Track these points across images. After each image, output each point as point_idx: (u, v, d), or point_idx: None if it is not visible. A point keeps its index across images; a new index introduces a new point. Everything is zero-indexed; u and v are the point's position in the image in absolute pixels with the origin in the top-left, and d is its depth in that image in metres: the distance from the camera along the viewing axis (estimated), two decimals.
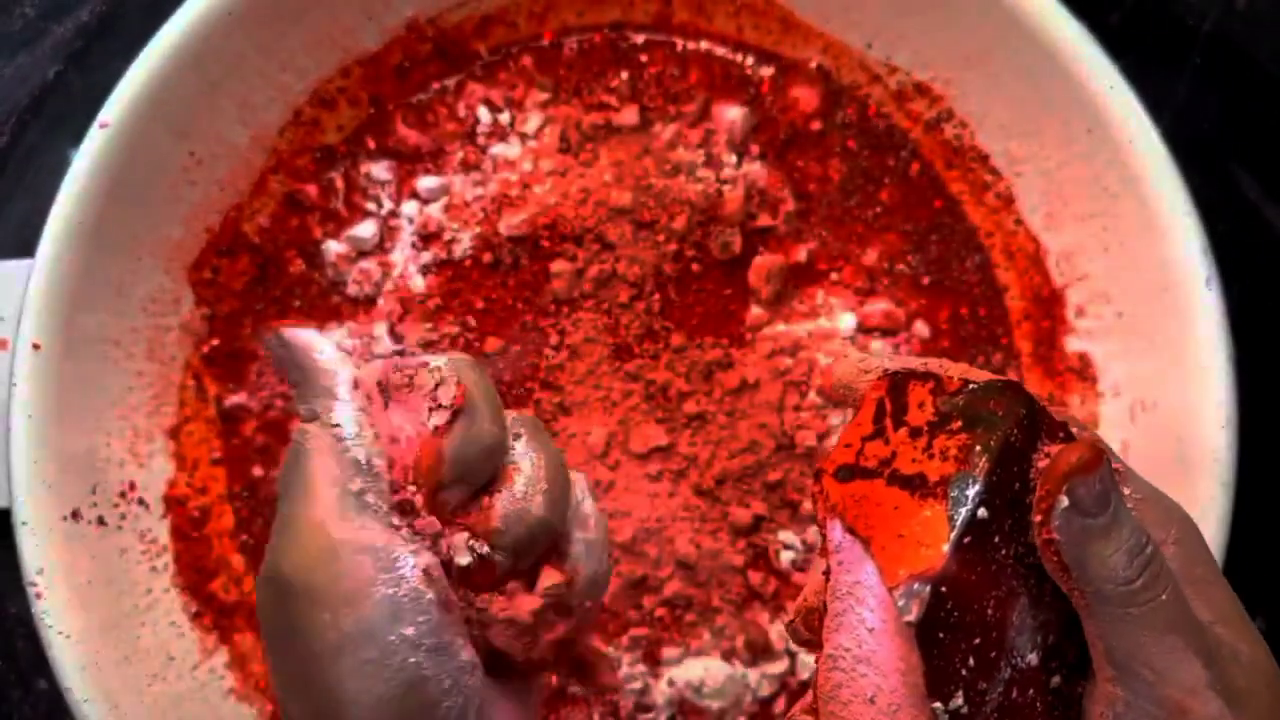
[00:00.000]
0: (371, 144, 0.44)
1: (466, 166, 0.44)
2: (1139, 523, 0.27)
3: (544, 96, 0.44)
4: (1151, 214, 0.38)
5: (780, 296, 0.43)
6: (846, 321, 0.43)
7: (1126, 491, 0.28)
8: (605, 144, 0.44)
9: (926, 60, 0.43)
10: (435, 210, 0.44)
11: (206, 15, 0.40)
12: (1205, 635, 0.27)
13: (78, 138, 0.39)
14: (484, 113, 0.44)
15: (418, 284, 0.43)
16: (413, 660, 0.26)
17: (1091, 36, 0.39)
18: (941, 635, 0.25)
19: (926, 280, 0.44)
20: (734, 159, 0.43)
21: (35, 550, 0.37)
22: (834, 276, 0.44)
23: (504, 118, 0.44)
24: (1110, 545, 0.26)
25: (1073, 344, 0.42)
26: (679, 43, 0.45)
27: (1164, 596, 0.26)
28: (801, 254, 0.43)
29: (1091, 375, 0.41)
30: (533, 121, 0.44)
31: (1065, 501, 0.26)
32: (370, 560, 0.26)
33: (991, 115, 0.42)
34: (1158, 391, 0.39)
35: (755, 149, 0.44)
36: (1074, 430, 0.28)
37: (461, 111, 0.44)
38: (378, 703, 0.26)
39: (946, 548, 0.25)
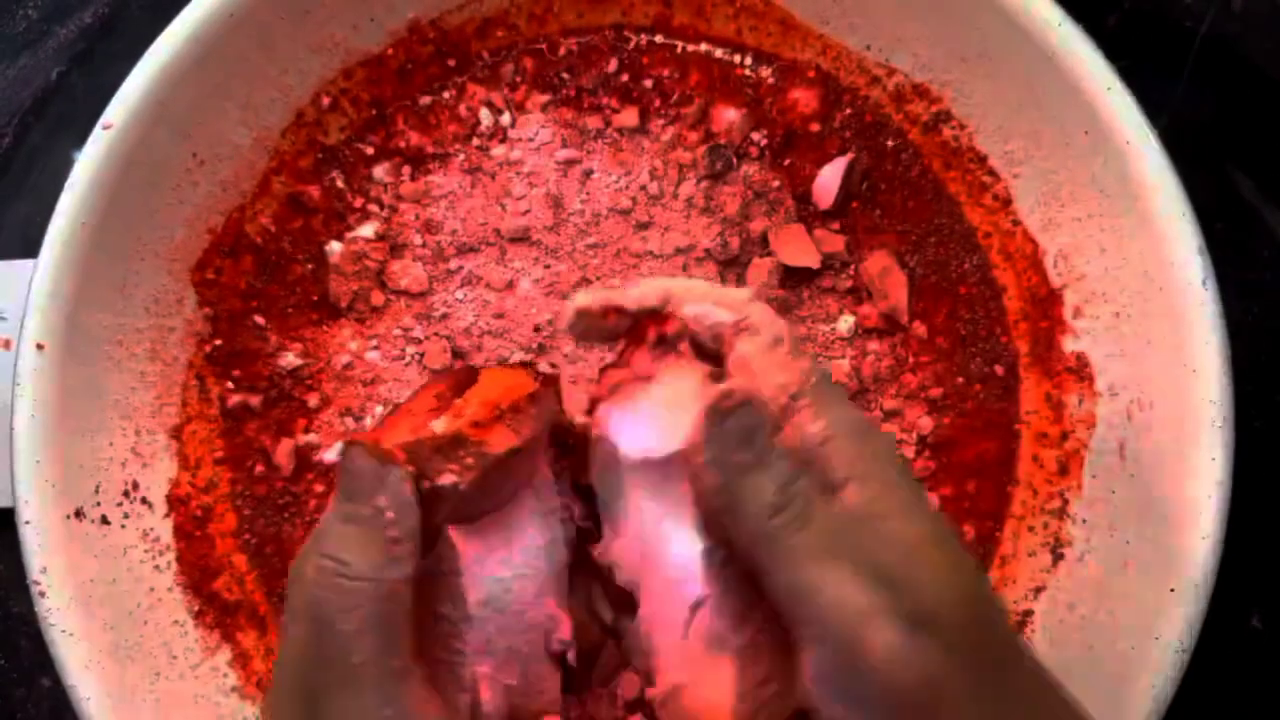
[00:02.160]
0: (373, 145, 0.44)
1: (467, 168, 0.44)
2: (794, 458, 0.27)
3: (544, 98, 0.44)
4: (1149, 215, 0.39)
5: (779, 298, 0.43)
6: (844, 322, 0.43)
7: (817, 428, 0.28)
8: (605, 146, 0.44)
9: (925, 62, 0.43)
10: (437, 211, 0.44)
11: (209, 17, 0.40)
12: (883, 564, 0.26)
13: (81, 139, 0.39)
14: (485, 114, 0.44)
15: (420, 284, 0.43)
16: None
17: (1089, 38, 0.39)
18: None
19: (925, 281, 0.44)
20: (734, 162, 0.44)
21: (38, 549, 0.38)
22: (832, 277, 0.44)
23: (505, 119, 0.44)
24: (758, 477, 0.27)
25: (1070, 344, 0.42)
26: (678, 45, 0.45)
27: (814, 525, 0.26)
28: None
29: (1089, 375, 0.41)
30: (533, 123, 0.44)
31: (712, 439, 0.27)
32: None
33: (990, 117, 0.43)
34: (1154, 391, 0.39)
35: (755, 150, 0.44)
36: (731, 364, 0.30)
37: (463, 113, 0.44)
38: None
39: None
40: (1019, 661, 0.27)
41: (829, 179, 0.43)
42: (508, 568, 0.29)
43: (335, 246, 0.44)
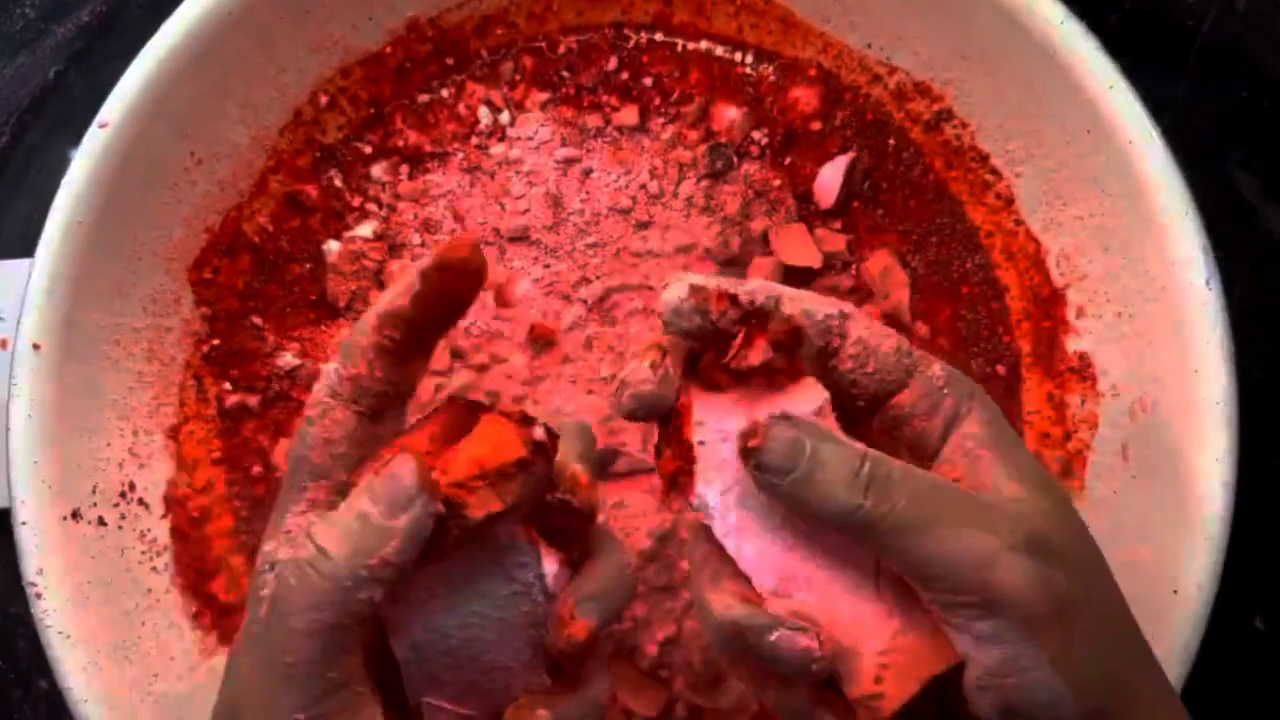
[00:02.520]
0: (372, 144, 0.44)
1: (466, 167, 0.44)
2: (847, 446, 0.27)
3: (544, 96, 0.44)
4: (1151, 214, 0.38)
5: None
6: None
7: (921, 385, 0.29)
8: (605, 145, 0.44)
9: (926, 60, 0.43)
10: (435, 211, 0.44)
11: (207, 15, 0.40)
12: (988, 507, 0.27)
13: (78, 138, 0.39)
14: (484, 113, 0.44)
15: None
16: None
17: (1092, 36, 0.39)
18: None
19: (926, 280, 0.44)
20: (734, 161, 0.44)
21: (35, 550, 0.37)
22: (833, 277, 0.44)
23: (504, 118, 0.44)
24: (821, 486, 0.27)
25: (1073, 344, 0.42)
26: (679, 43, 0.45)
27: (902, 503, 0.27)
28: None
29: (1091, 375, 0.41)
30: (532, 122, 0.44)
31: (759, 475, 0.27)
32: None
33: (991, 115, 0.42)
34: (1157, 391, 0.39)
35: (755, 149, 0.44)
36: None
37: (462, 111, 0.44)
38: None
39: None
40: (1108, 569, 0.29)
41: (830, 178, 0.43)
42: (453, 616, 0.29)
43: (333, 246, 0.44)
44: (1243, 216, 0.46)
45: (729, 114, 0.44)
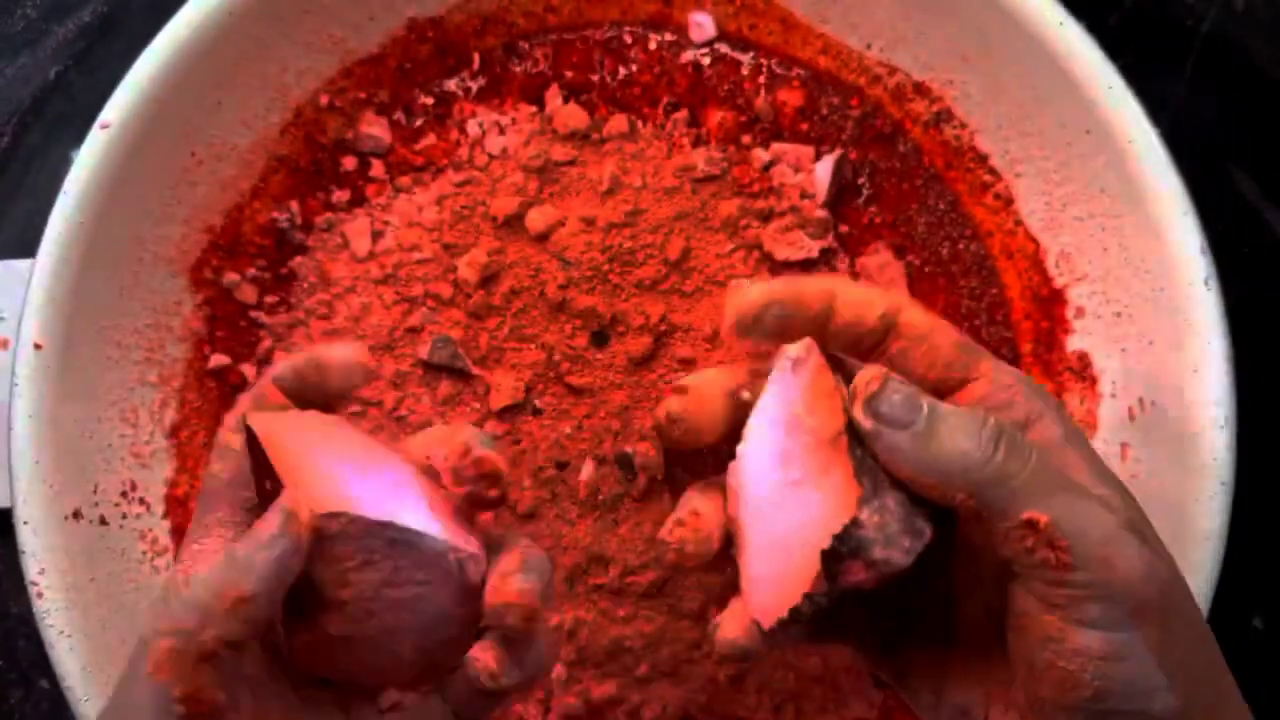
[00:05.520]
0: (371, 143, 0.44)
1: (465, 166, 0.44)
2: (969, 405, 0.27)
3: (542, 97, 0.44)
4: (1150, 214, 0.38)
5: None
6: None
7: (990, 380, 0.29)
8: (599, 147, 0.43)
9: (926, 61, 0.43)
10: (433, 210, 0.43)
11: (208, 16, 0.40)
12: (1090, 490, 0.27)
13: (79, 138, 0.39)
14: (483, 112, 0.44)
15: None
16: None
17: (1091, 37, 0.39)
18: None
19: (924, 278, 0.44)
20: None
21: (37, 550, 0.37)
22: (827, 273, 0.44)
23: (503, 118, 0.44)
24: (946, 439, 0.26)
25: (1072, 344, 0.42)
26: (676, 43, 0.45)
27: (1034, 458, 0.26)
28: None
29: (1091, 375, 0.41)
30: (533, 121, 0.44)
31: (876, 426, 0.26)
32: None
33: (991, 116, 0.42)
34: (1157, 391, 0.39)
35: (751, 149, 0.44)
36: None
37: (460, 112, 0.44)
38: None
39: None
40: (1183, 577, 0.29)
41: (821, 175, 0.43)
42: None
43: (332, 244, 0.43)
44: (1242, 217, 0.46)
45: (723, 115, 0.44)
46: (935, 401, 0.27)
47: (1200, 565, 0.36)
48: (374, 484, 0.29)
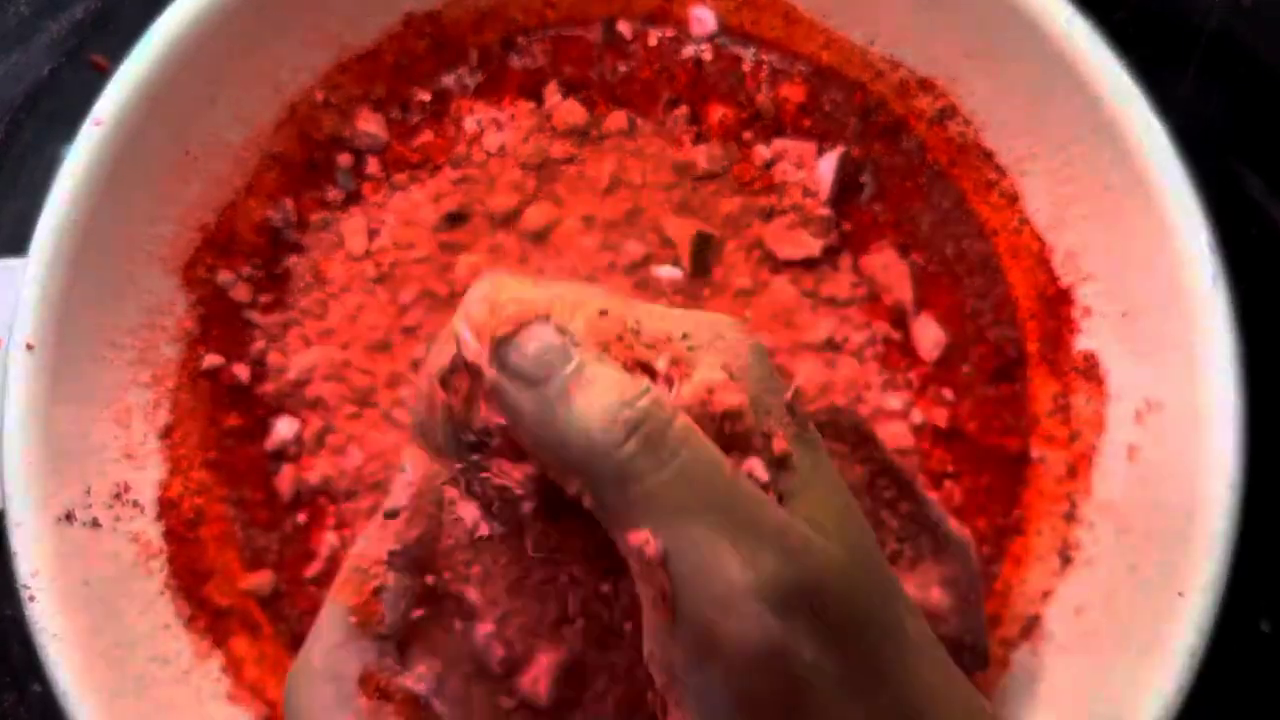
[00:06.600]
0: (367, 140, 0.44)
1: (462, 163, 0.43)
2: (626, 376, 0.21)
3: (540, 94, 0.44)
4: (1158, 212, 0.38)
5: None
6: None
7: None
8: (597, 143, 0.43)
9: (930, 57, 0.42)
10: (430, 208, 0.43)
11: (201, 11, 0.39)
12: (759, 531, 0.21)
13: (72, 135, 0.39)
14: (481, 109, 0.44)
15: None
16: None
17: (1097, 33, 0.39)
18: None
19: (929, 279, 0.43)
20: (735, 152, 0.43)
21: (28, 552, 0.37)
22: (830, 272, 0.43)
23: (501, 114, 0.44)
24: (574, 410, 0.21)
25: (1079, 343, 0.42)
26: (676, 38, 0.44)
27: (675, 465, 0.20)
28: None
29: (1098, 375, 0.41)
30: (531, 117, 0.44)
31: (503, 376, 0.21)
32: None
33: (996, 113, 0.42)
34: (1164, 391, 0.39)
35: (751, 145, 0.44)
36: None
37: (458, 108, 0.44)
38: None
39: None
40: (903, 643, 0.23)
41: (824, 172, 0.43)
42: None
43: (329, 242, 0.43)
44: (1250, 215, 0.46)
45: (724, 110, 0.44)
46: (590, 362, 0.21)
47: (1208, 570, 0.36)
48: None
